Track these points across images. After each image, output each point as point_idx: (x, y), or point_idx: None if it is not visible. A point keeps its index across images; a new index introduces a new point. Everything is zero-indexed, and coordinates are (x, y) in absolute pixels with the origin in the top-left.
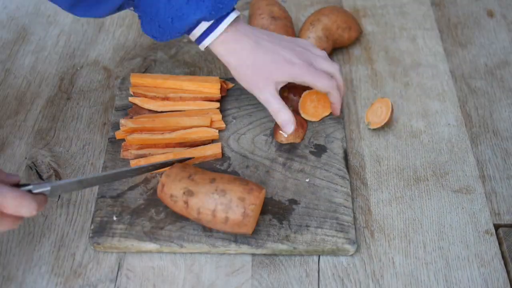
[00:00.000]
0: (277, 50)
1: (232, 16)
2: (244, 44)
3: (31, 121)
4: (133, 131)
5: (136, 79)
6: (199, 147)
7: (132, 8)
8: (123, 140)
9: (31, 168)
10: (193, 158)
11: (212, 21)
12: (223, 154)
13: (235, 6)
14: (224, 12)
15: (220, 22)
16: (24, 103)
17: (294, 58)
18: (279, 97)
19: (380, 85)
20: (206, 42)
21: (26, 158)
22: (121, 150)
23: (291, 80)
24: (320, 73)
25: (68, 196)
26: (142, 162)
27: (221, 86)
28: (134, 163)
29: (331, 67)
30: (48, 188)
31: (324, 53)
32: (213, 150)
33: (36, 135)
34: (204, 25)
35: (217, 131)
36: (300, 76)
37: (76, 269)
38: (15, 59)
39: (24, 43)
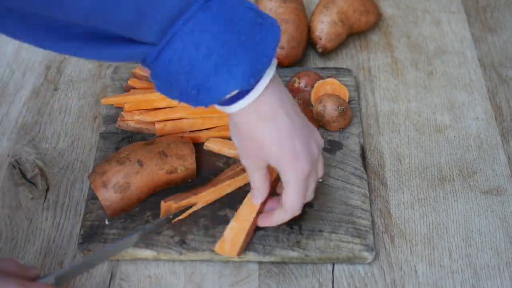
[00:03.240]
0: (291, 137)
1: (269, 74)
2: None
3: (14, 114)
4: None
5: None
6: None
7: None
8: (116, 133)
9: (14, 167)
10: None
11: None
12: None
13: None
14: (263, 74)
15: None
16: (6, 94)
17: (303, 158)
18: (267, 174)
19: (401, 74)
20: (236, 106)
21: (8, 155)
22: (118, 120)
23: (279, 172)
24: (303, 190)
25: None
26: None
27: None
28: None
29: (314, 185)
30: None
31: (322, 167)
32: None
33: (20, 130)
34: None
35: None
36: (289, 179)
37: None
38: None
39: None
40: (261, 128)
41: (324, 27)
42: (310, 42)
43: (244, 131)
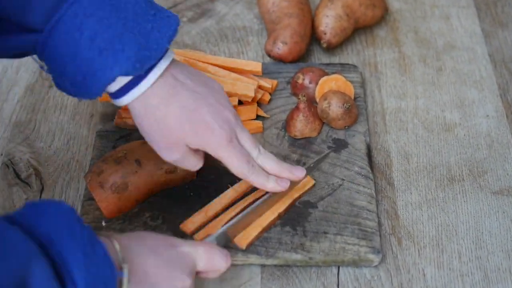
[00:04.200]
0: (198, 108)
1: (163, 64)
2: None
3: (7, 112)
4: None
5: None
6: None
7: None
8: (113, 132)
9: (7, 166)
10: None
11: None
12: None
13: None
14: (153, 61)
15: (145, 76)
16: (0, 91)
17: (216, 125)
18: (191, 151)
19: (409, 71)
20: (129, 98)
21: (2, 155)
22: (115, 117)
23: (204, 150)
24: (238, 152)
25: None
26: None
27: None
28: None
29: (255, 147)
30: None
31: (247, 133)
32: None
33: (14, 129)
34: (121, 81)
35: (261, 123)
36: (215, 149)
37: None
38: None
39: None
40: (164, 111)
41: (329, 22)
42: (314, 37)
43: (148, 122)
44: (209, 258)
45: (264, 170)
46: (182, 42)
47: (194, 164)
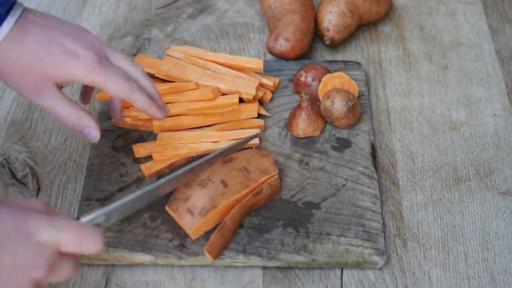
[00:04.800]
0: (55, 38)
1: (17, 11)
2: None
3: (3, 110)
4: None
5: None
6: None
7: None
8: (111, 131)
9: (3, 166)
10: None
11: None
12: None
13: None
14: (7, 4)
15: (4, 18)
16: None
17: (79, 49)
18: (66, 98)
19: (414, 68)
20: None
21: None
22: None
23: (75, 82)
24: (114, 72)
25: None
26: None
27: None
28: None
29: (131, 66)
30: (102, 217)
31: (120, 52)
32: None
33: (10, 127)
34: None
35: (262, 121)
36: (86, 74)
37: (57, 285)
38: None
39: None
40: (18, 51)
41: (332, 18)
42: (317, 34)
43: (7, 68)
44: (76, 241)
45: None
46: (182, 39)
47: (66, 111)
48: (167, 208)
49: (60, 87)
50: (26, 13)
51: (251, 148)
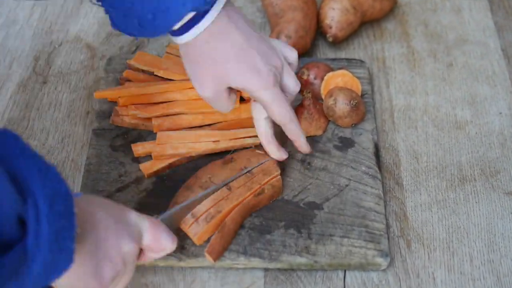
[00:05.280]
0: (248, 49)
1: (221, 2)
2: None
3: (0, 109)
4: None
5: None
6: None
7: None
8: (110, 130)
9: None
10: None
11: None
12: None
13: None
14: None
15: (207, 12)
16: None
17: (264, 68)
18: (228, 99)
19: (418, 66)
20: (189, 35)
21: None
22: (112, 115)
23: (244, 91)
24: (282, 97)
25: None
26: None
27: None
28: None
29: (295, 85)
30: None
31: (294, 80)
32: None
33: (6, 126)
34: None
35: None
36: (258, 90)
37: None
38: None
39: None
40: (213, 46)
41: (335, 15)
42: (319, 31)
43: (196, 55)
44: (155, 234)
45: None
46: None
47: (226, 106)
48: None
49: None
50: (228, 8)
51: (251, 147)
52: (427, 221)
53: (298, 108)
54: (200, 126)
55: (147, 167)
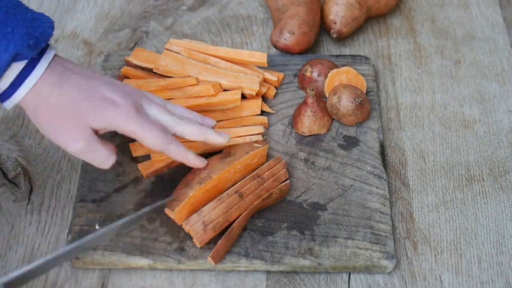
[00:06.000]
0: (94, 86)
1: (51, 51)
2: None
3: None
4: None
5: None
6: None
7: None
8: None
9: None
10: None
11: (25, 63)
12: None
13: None
14: (43, 43)
15: (38, 61)
16: None
17: (117, 97)
18: (101, 141)
19: (425, 63)
20: (21, 92)
21: None
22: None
23: (111, 128)
24: (150, 123)
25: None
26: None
27: None
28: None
29: (167, 116)
30: None
31: (158, 102)
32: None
33: (1, 125)
34: (14, 70)
35: (266, 118)
36: (124, 123)
37: None
38: None
39: None
40: (58, 95)
41: (340, 10)
42: (323, 27)
43: (44, 112)
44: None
45: (185, 138)
46: (181, 32)
47: (103, 155)
48: (166, 211)
49: (95, 132)
50: (59, 58)
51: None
52: (434, 222)
53: (301, 106)
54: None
55: (145, 167)
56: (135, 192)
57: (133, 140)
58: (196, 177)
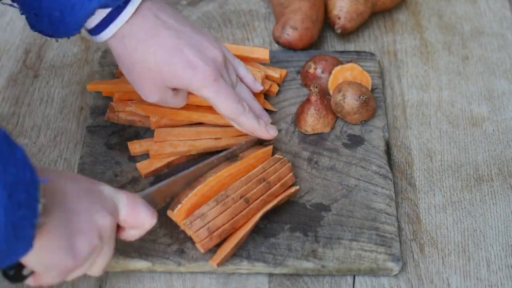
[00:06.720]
0: (180, 46)
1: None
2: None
3: None
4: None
5: None
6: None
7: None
8: (105, 126)
9: None
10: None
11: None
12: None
13: None
14: None
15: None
16: None
17: (200, 62)
18: (174, 94)
19: (432, 59)
20: (108, 33)
21: None
22: (107, 111)
23: (188, 90)
24: (227, 92)
25: None
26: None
27: None
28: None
29: (243, 87)
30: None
31: (241, 67)
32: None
33: None
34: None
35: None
36: (200, 88)
37: None
38: None
39: None
40: (142, 50)
41: (344, 5)
42: (327, 22)
43: (128, 59)
44: (133, 207)
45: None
46: None
47: (177, 103)
48: (168, 213)
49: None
50: (154, 6)
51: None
52: (441, 224)
53: (304, 104)
54: (201, 123)
55: (144, 167)
56: (133, 192)
57: (132, 139)
58: (201, 179)
